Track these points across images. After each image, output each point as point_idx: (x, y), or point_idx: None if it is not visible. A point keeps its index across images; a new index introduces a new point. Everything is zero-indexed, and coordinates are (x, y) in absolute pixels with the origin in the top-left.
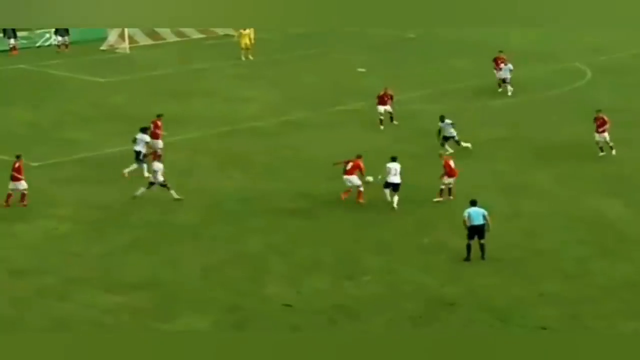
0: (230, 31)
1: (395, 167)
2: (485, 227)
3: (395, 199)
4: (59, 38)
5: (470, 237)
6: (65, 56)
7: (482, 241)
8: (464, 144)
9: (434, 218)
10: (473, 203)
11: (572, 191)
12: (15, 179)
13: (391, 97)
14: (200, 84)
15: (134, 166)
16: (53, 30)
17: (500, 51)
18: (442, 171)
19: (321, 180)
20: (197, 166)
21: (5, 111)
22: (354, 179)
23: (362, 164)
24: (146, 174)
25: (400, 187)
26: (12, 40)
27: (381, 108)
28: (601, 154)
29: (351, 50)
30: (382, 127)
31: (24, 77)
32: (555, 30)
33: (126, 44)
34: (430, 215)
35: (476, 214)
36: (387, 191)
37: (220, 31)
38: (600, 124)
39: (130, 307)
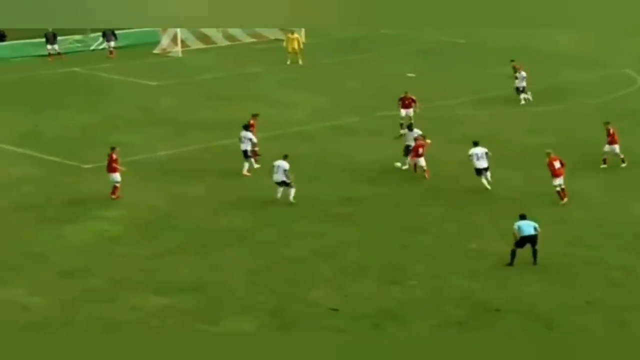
0: (281, 35)
1: (478, 151)
2: (537, 236)
3: (487, 177)
4: (106, 43)
5: (520, 245)
6: (118, 59)
7: (535, 247)
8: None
9: (480, 224)
10: (522, 217)
11: (620, 198)
12: (112, 169)
13: (414, 101)
14: (250, 88)
15: (246, 165)
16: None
17: (512, 60)
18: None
19: (367, 185)
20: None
21: (58, 114)
22: (421, 160)
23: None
24: (245, 172)
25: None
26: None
27: (403, 112)
28: (603, 165)
29: (400, 55)
30: (401, 132)
31: (76, 80)
32: (604, 36)
33: (178, 48)
34: (476, 221)
35: (527, 226)
36: (481, 178)
37: (271, 35)
38: (610, 135)
39: (176, 309)
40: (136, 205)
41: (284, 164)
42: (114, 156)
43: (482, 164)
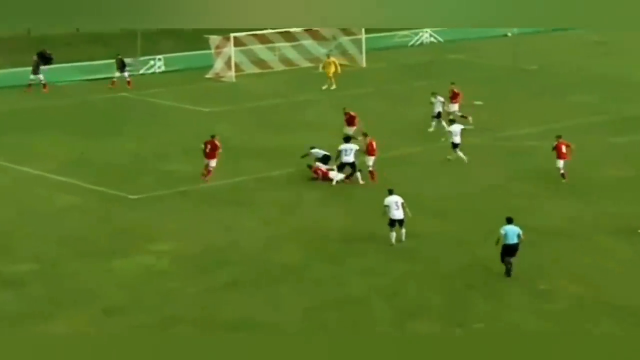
0: (343, 61)
1: (394, 200)
2: (519, 247)
3: (403, 232)
4: (117, 74)
5: (504, 255)
6: (169, 84)
7: (512, 259)
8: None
9: (548, 261)
10: (509, 220)
11: None
12: (211, 156)
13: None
14: (306, 115)
15: (357, 175)
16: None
17: (453, 83)
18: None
19: (428, 219)
20: (301, 202)
21: (108, 141)
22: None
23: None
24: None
25: (405, 222)
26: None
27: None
28: (563, 180)
29: (468, 81)
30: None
31: (126, 105)
32: None
33: (232, 73)
34: (544, 259)
35: (512, 233)
36: (392, 233)
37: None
38: (558, 149)
39: None
40: (186, 237)
41: (399, 199)
42: (217, 143)
43: (398, 214)
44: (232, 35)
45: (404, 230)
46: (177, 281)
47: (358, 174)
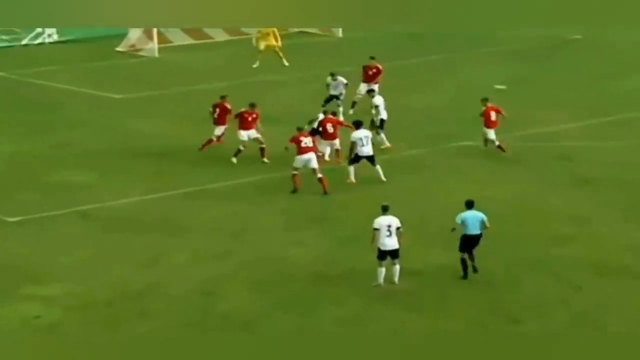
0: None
1: (386, 223)
2: (482, 235)
3: (396, 268)
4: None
5: (464, 249)
6: (65, 60)
7: (471, 254)
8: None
9: (602, 304)
10: (469, 205)
11: None
12: (219, 121)
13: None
14: (263, 103)
15: (378, 169)
16: None
17: (373, 57)
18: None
19: (433, 248)
20: (254, 224)
21: None
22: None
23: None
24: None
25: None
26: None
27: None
28: (503, 154)
29: (485, 58)
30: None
31: (2, 90)
32: None
33: (154, 44)
34: (596, 301)
35: (473, 220)
36: (381, 269)
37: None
38: (487, 116)
39: None
40: (87, 277)
41: (393, 221)
42: (227, 105)
43: (390, 243)
44: None
45: (397, 267)
46: (72, 339)
47: (379, 168)
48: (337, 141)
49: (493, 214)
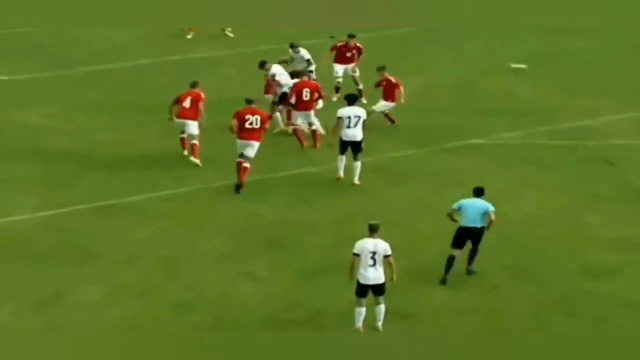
0: None
1: (369, 248)
2: (484, 230)
3: (381, 308)
4: None
5: (457, 244)
6: None
7: (477, 246)
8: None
9: None
10: (478, 192)
11: None
12: (189, 115)
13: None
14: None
15: (357, 166)
16: None
17: (332, 36)
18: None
19: (429, 283)
20: (189, 251)
21: None
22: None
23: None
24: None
25: None
26: None
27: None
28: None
29: (497, 29)
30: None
31: None
32: None
33: None
34: None
35: (473, 210)
36: (360, 309)
37: None
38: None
39: None
40: None
41: (380, 246)
42: (201, 94)
43: (373, 276)
44: None
45: (382, 306)
46: None
47: (358, 165)
48: (312, 112)
49: (511, 237)
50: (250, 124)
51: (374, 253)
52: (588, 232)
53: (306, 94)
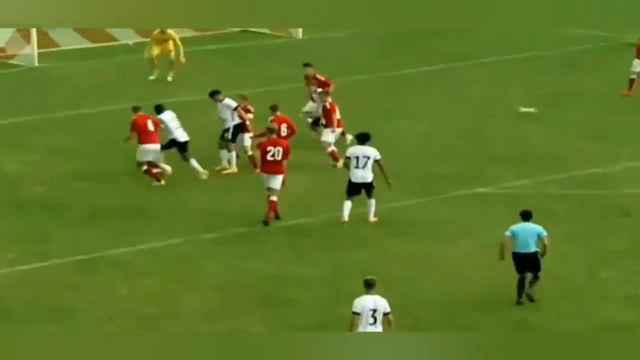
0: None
1: (370, 306)
2: (540, 256)
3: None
4: None
5: (520, 270)
6: None
7: (537, 275)
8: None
9: None
10: (526, 216)
11: None
12: (149, 139)
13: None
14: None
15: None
16: None
17: (308, 64)
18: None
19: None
20: (173, 307)
21: None
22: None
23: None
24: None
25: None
26: None
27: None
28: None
29: (506, 68)
30: None
31: None
32: None
33: (33, 49)
34: None
35: (524, 234)
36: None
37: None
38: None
39: None
40: None
41: (380, 304)
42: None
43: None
44: None
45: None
46: None
47: (373, 203)
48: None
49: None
50: (272, 155)
51: (374, 311)
52: (602, 287)
53: (284, 129)
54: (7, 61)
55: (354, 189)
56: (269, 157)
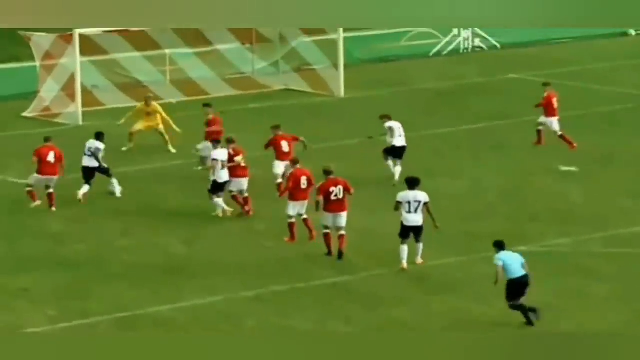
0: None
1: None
2: (529, 281)
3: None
4: None
5: (514, 297)
6: None
7: (523, 299)
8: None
9: None
10: (500, 245)
11: None
12: (52, 170)
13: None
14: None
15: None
16: None
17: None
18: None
19: None
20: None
21: None
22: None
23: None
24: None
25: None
26: None
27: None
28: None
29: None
30: None
31: None
32: None
33: (77, 108)
34: None
35: (512, 261)
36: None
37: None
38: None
39: None
40: None
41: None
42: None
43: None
44: (76, 32)
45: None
46: None
47: (421, 246)
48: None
49: (563, 355)
50: (335, 195)
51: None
52: None
53: (285, 146)
54: (53, 120)
55: (407, 233)
56: (332, 198)
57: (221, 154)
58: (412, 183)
